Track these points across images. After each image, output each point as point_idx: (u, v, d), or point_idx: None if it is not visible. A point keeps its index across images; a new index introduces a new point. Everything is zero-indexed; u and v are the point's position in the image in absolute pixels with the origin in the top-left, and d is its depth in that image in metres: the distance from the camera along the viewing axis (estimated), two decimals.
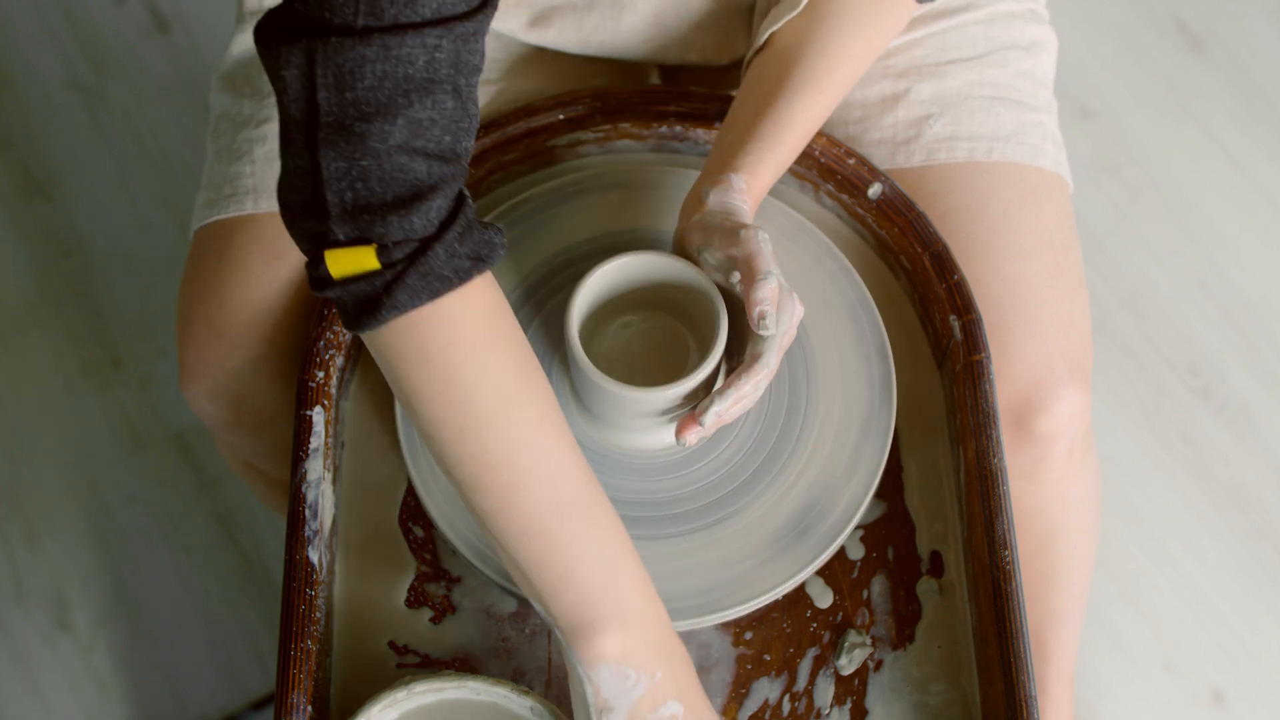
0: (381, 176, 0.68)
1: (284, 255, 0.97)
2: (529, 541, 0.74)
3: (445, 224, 0.70)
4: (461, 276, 0.70)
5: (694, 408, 0.86)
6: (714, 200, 0.85)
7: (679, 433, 0.82)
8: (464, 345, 0.72)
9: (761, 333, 0.80)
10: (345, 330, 0.88)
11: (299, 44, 0.67)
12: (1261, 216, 1.70)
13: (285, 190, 0.71)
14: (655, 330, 0.89)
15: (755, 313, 0.80)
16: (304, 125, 0.68)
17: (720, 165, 0.87)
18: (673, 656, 0.76)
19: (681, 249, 0.87)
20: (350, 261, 0.69)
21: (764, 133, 0.88)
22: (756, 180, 0.87)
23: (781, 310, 0.81)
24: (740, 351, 0.85)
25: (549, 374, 0.90)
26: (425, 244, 0.69)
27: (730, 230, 0.82)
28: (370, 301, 0.70)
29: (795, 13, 0.90)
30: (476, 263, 0.71)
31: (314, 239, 0.70)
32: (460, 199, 0.72)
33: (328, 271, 0.70)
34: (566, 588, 0.74)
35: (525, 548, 0.74)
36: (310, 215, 0.70)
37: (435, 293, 0.70)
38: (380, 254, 0.69)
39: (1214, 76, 1.78)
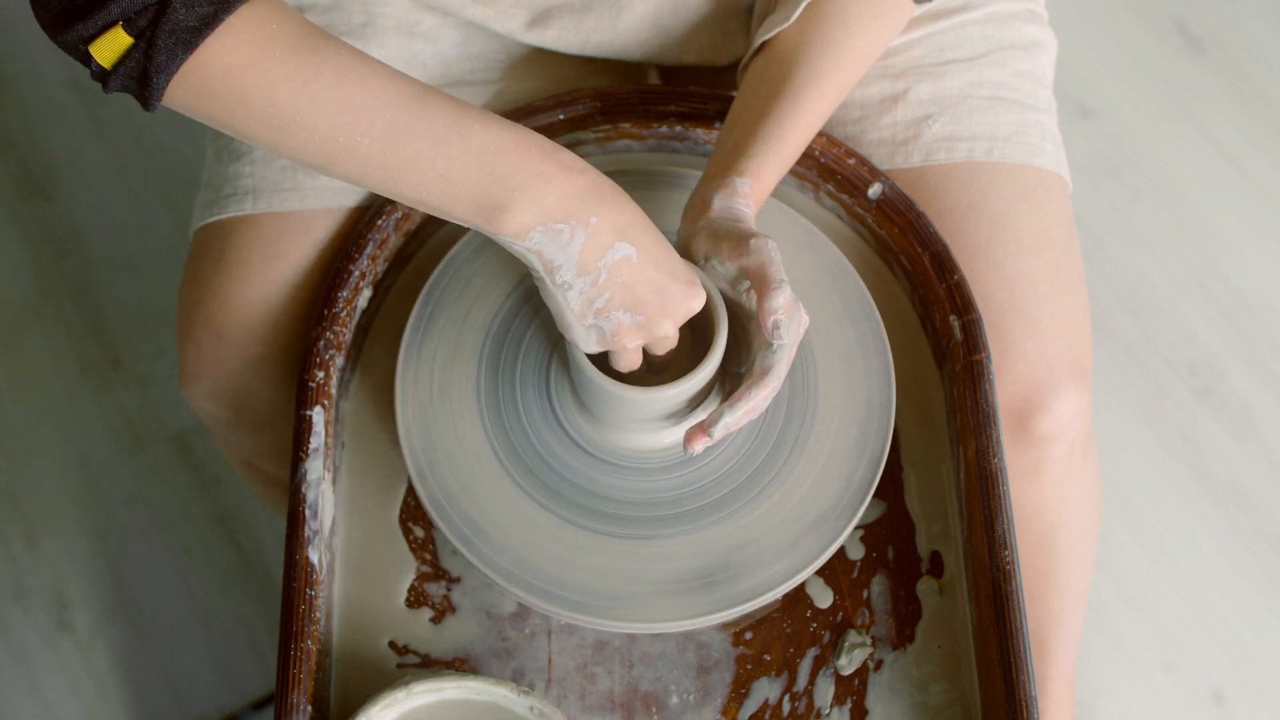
0: None
1: (284, 255, 0.97)
2: (403, 169, 0.75)
3: None
4: (209, 22, 0.71)
5: (693, 412, 0.86)
6: (719, 205, 0.85)
7: (687, 442, 0.82)
8: (250, 79, 0.73)
9: (775, 342, 0.80)
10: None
11: None
12: (1261, 216, 1.70)
13: (44, 6, 0.72)
14: None
15: (770, 322, 0.80)
16: None
17: (723, 168, 0.87)
18: (604, 199, 0.76)
19: (686, 253, 0.87)
20: (109, 44, 0.71)
21: (766, 135, 0.88)
22: (760, 183, 0.87)
23: (790, 321, 0.81)
24: (738, 359, 0.85)
25: (549, 374, 0.90)
26: (162, 4, 0.70)
27: (739, 239, 0.82)
28: (143, 76, 0.72)
29: (787, 24, 0.90)
30: (222, 5, 0.72)
31: (77, 42, 0.72)
32: None
33: (101, 67, 0.72)
34: (461, 182, 0.75)
35: (403, 172, 0.75)
36: (67, 20, 0.71)
37: (190, 45, 0.71)
38: (127, 28, 0.71)
39: (1214, 77, 1.78)
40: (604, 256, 0.77)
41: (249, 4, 0.72)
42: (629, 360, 0.84)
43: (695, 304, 0.81)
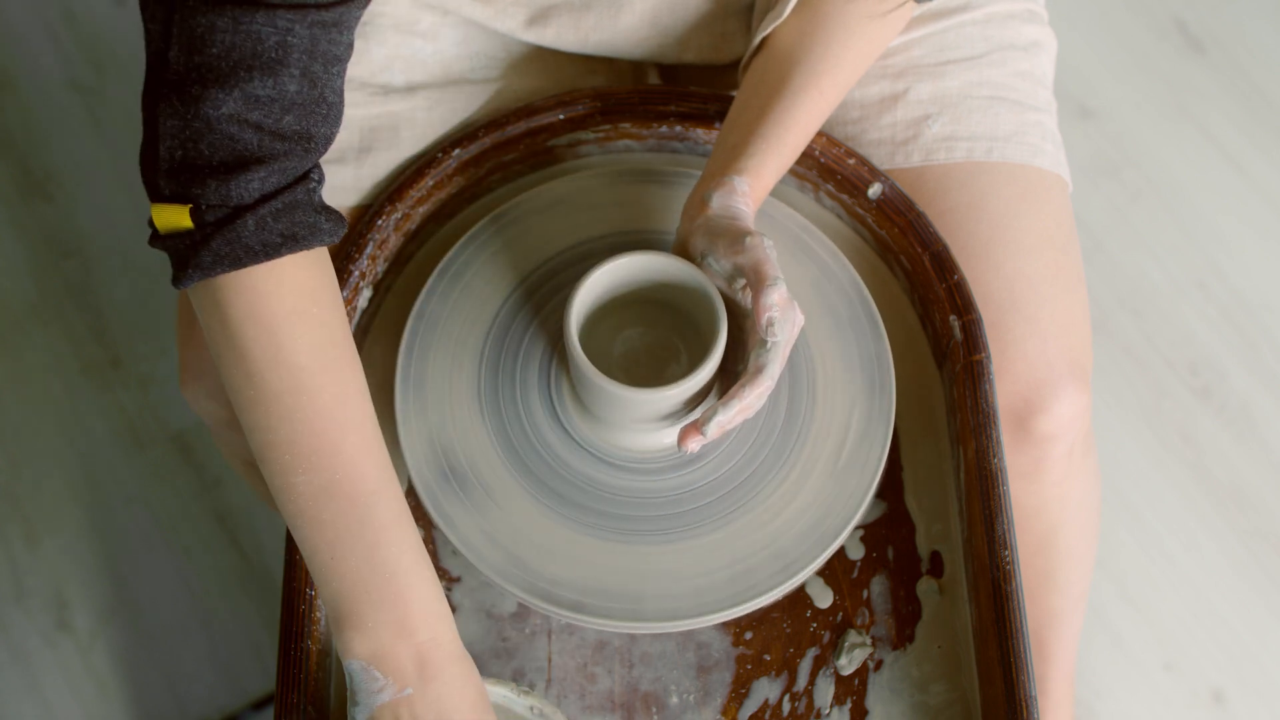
0: (211, 141, 0.70)
1: None
2: (303, 524, 0.76)
3: (265, 198, 0.72)
4: (269, 251, 0.72)
5: (693, 411, 0.86)
6: (717, 203, 0.85)
7: (681, 441, 0.82)
8: (264, 320, 0.73)
9: (769, 339, 0.80)
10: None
11: (165, 1, 0.69)
12: (1261, 216, 1.70)
13: (143, 142, 0.73)
14: (655, 330, 0.89)
15: (764, 319, 0.80)
16: (150, 79, 0.71)
17: (722, 167, 0.87)
18: (437, 679, 0.76)
19: (684, 251, 0.87)
20: (169, 217, 0.72)
21: (766, 134, 0.88)
22: (759, 182, 0.87)
23: (784, 318, 0.81)
24: (737, 358, 0.85)
25: (549, 374, 0.90)
26: (237, 212, 0.71)
27: (735, 236, 0.82)
28: (180, 260, 0.73)
29: (780, 20, 0.90)
30: (289, 241, 0.72)
31: (149, 191, 0.73)
32: (301, 180, 0.73)
33: (154, 224, 0.73)
34: (331, 576, 0.76)
35: (299, 529, 0.76)
36: (148, 168, 0.72)
37: (238, 262, 0.71)
38: (194, 214, 0.71)
39: (1214, 77, 1.78)
40: None
41: (306, 253, 0.73)
42: None
43: None
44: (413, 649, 0.76)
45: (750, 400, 0.81)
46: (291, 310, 0.74)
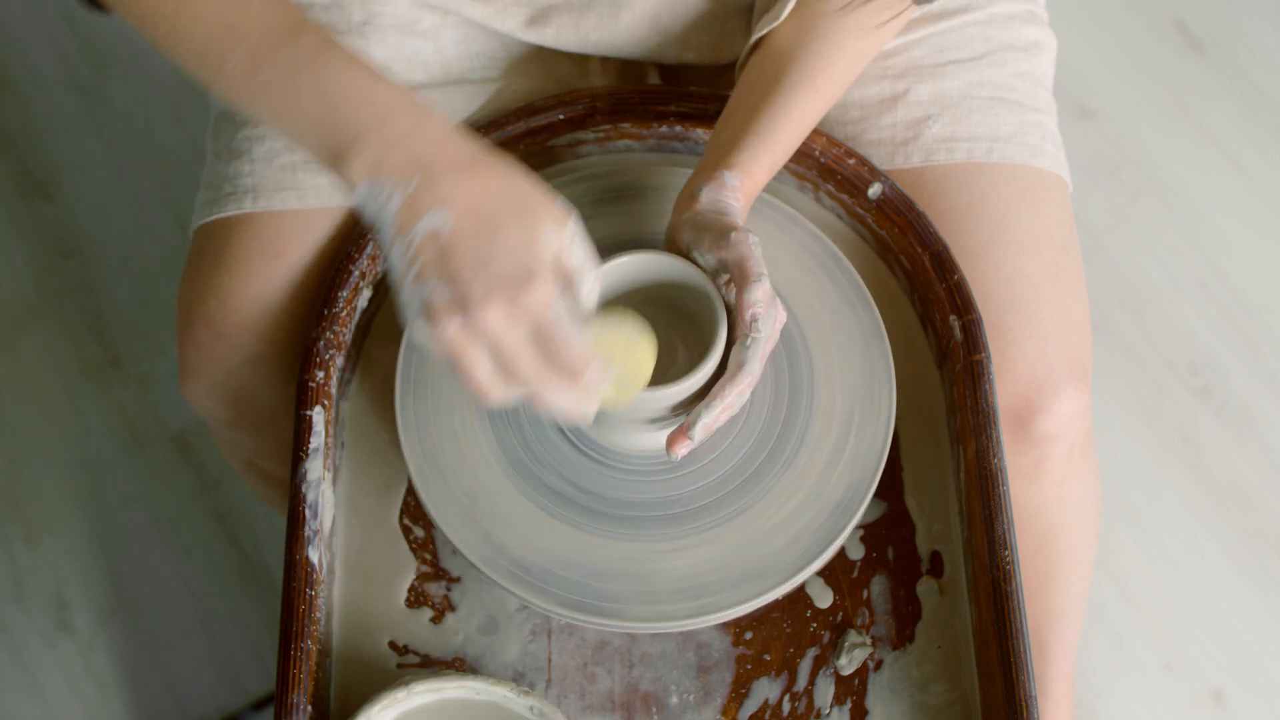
0: None
1: (283, 254, 0.97)
2: (259, 104, 0.76)
3: None
4: None
5: (684, 416, 0.86)
6: (706, 198, 0.85)
7: (669, 447, 0.82)
8: None
9: (753, 335, 0.80)
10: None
11: None
12: (1261, 216, 1.70)
13: None
14: (655, 330, 0.89)
15: (748, 315, 0.80)
16: None
17: (714, 162, 0.87)
18: (438, 163, 0.73)
19: (672, 245, 0.87)
20: None
21: (759, 130, 0.88)
22: (750, 178, 0.87)
23: (767, 314, 0.81)
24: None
25: None
26: None
27: (721, 231, 0.82)
28: None
29: (778, 21, 0.90)
30: None
31: None
32: None
33: None
34: (305, 131, 0.75)
35: (260, 112, 0.76)
36: None
37: None
38: None
39: (1214, 78, 1.78)
40: (419, 220, 0.72)
41: None
42: (479, 384, 0.74)
43: (527, 295, 0.71)
44: (404, 145, 0.73)
45: (732, 399, 0.81)
46: None
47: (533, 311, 0.72)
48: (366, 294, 0.94)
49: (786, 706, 0.86)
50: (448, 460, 0.87)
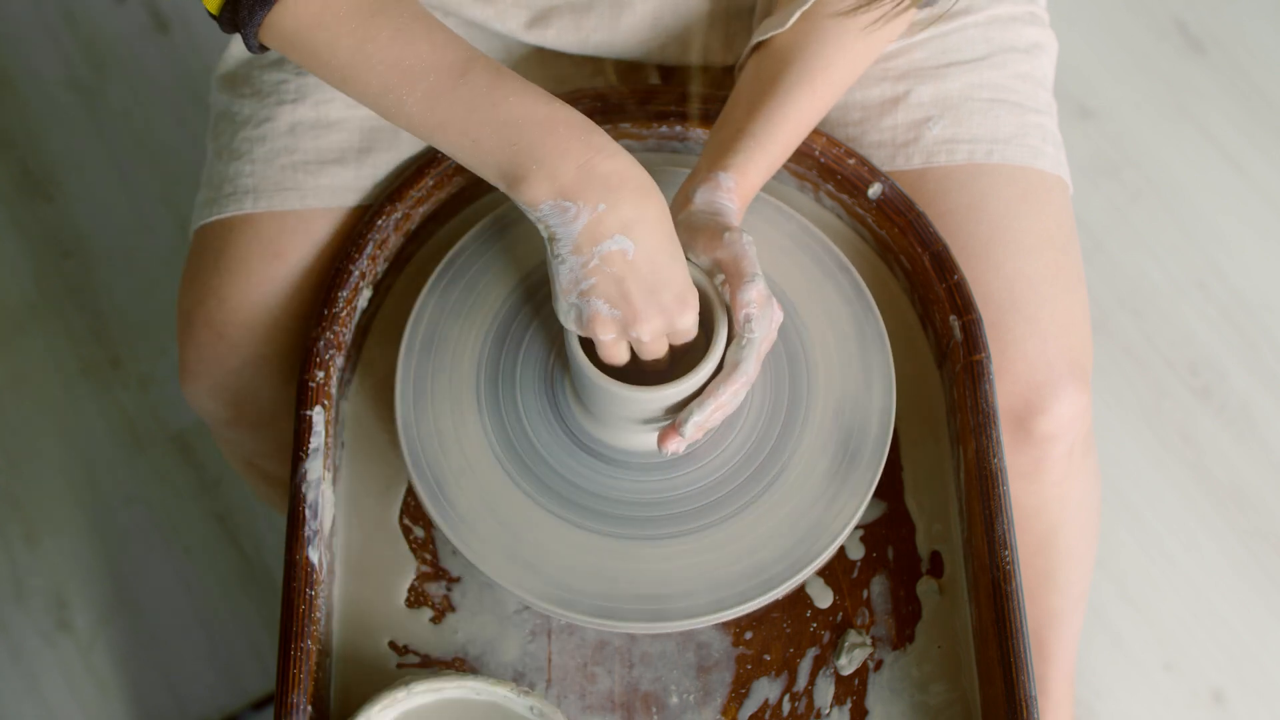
0: None
1: (284, 254, 0.97)
2: (440, 137, 0.79)
3: None
4: None
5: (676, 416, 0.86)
6: (700, 199, 0.85)
7: (661, 443, 0.82)
8: (317, 36, 0.78)
9: (748, 335, 0.80)
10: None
11: None
12: (1261, 216, 1.70)
13: None
14: None
15: (741, 315, 0.80)
16: None
17: (710, 163, 0.87)
18: (624, 190, 0.78)
19: None
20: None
21: (755, 131, 0.88)
22: (745, 179, 0.87)
23: (762, 315, 0.81)
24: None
25: (549, 374, 0.90)
26: None
27: (715, 232, 0.82)
28: (233, 27, 0.80)
29: (783, 28, 0.90)
30: None
31: None
32: None
33: (210, 13, 0.80)
34: (485, 160, 0.79)
35: (444, 144, 0.79)
36: None
37: (266, 3, 0.77)
38: None
39: (1214, 77, 1.78)
40: (601, 243, 0.78)
41: None
42: (609, 353, 0.84)
43: (682, 322, 0.81)
44: (588, 169, 0.78)
45: (726, 398, 0.81)
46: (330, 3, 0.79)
47: (680, 333, 0.83)
48: (366, 294, 0.94)
49: (786, 706, 0.86)
50: (448, 460, 0.87)
